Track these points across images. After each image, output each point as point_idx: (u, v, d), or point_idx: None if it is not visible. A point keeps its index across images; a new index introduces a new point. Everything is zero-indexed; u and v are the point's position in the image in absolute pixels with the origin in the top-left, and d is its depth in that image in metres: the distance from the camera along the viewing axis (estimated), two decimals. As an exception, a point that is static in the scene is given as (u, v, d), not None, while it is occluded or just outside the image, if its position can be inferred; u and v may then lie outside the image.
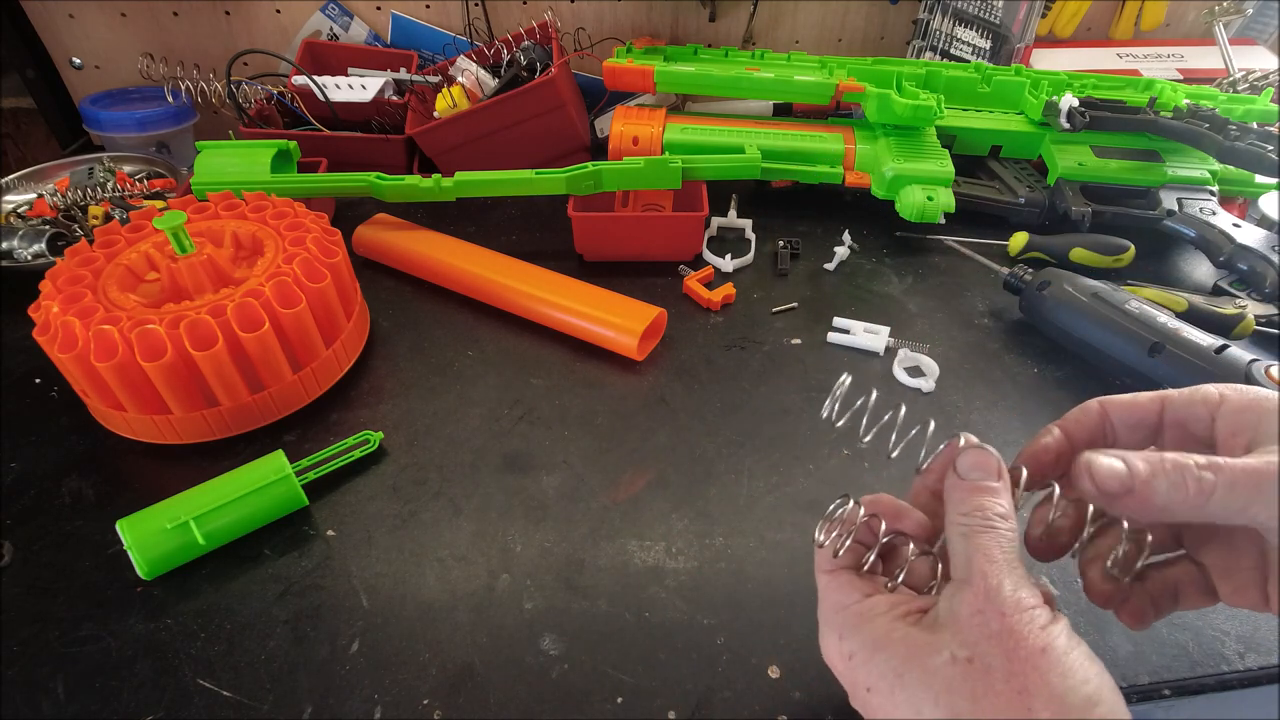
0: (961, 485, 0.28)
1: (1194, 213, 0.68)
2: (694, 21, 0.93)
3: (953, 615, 0.25)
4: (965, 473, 0.28)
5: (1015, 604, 0.24)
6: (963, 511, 0.27)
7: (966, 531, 0.27)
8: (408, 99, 0.79)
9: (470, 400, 0.55)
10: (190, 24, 0.85)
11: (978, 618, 0.25)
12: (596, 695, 0.38)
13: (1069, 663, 0.23)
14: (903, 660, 0.25)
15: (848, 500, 0.30)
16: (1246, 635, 0.40)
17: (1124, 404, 0.30)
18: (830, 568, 0.30)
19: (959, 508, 0.28)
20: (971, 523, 0.27)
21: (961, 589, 0.26)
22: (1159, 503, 0.25)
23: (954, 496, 0.28)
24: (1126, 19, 0.96)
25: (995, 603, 0.25)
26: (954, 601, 0.26)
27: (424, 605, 0.42)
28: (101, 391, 0.48)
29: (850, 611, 0.28)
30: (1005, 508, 0.27)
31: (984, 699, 0.23)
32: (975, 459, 0.28)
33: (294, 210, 0.56)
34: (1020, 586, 0.25)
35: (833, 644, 0.28)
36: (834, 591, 0.29)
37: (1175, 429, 0.29)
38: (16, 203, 0.70)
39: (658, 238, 0.67)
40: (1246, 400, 0.27)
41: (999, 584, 0.25)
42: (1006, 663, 0.24)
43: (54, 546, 0.45)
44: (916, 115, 0.71)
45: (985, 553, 0.26)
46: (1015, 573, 0.25)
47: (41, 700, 0.37)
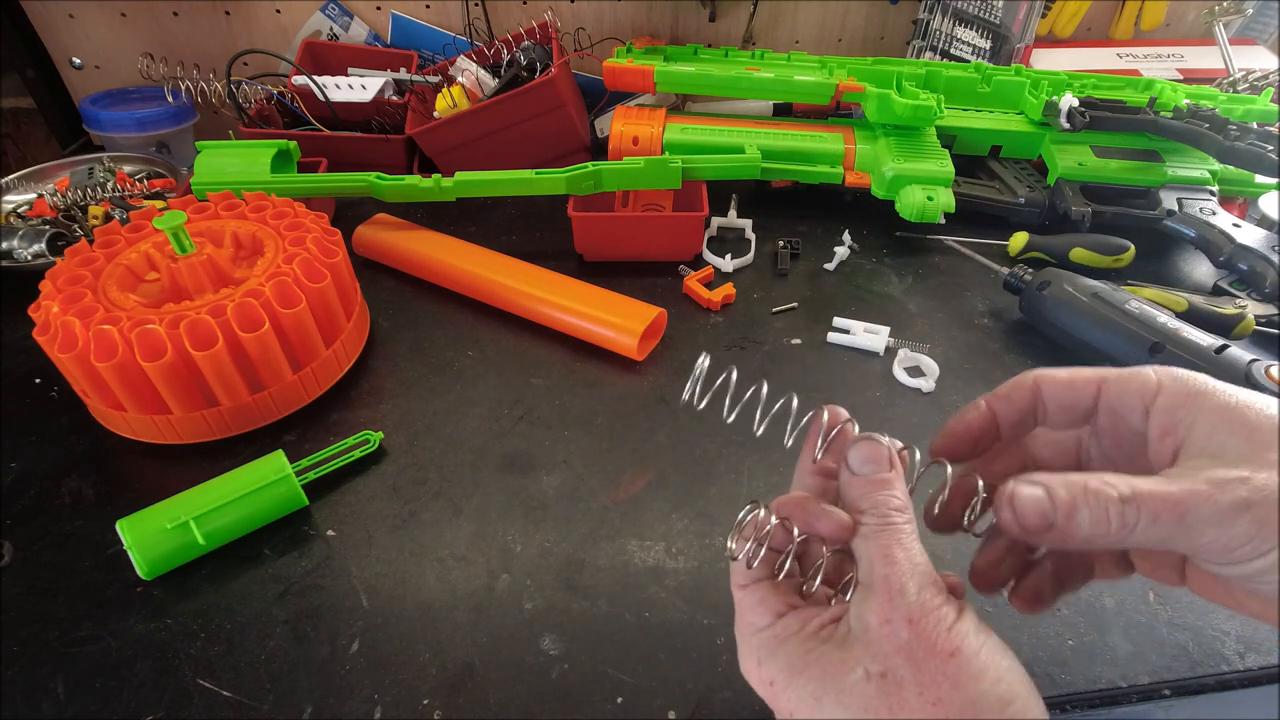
0: (855, 482, 0.27)
1: (1194, 213, 0.68)
2: (694, 21, 0.93)
3: (863, 627, 0.25)
4: (858, 467, 0.27)
5: (920, 608, 0.24)
6: (860, 509, 0.27)
7: (866, 532, 0.26)
8: (408, 99, 0.79)
9: (470, 400, 0.55)
10: (190, 24, 0.85)
11: (886, 628, 0.24)
12: (596, 695, 0.38)
13: (979, 665, 0.23)
14: (819, 683, 0.25)
15: (757, 506, 0.28)
16: (1246, 635, 0.41)
17: (1060, 383, 0.28)
18: (744, 581, 0.28)
19: (855, 504, 0.27)
20: (869, 522, 0.26)
21: (868, 596, 0.25)
22: (1081, 536, 0.24)
23: (849, 494, 0.27)
24: (1126, 19, 0.96)
25: (901, 609, 0.24)
26: (862, 609, 0.25)
27: (424, 605, 0.42)
28: (101, 391, 0.48)
29: (765, 635, 0.27)
30: (901, 499, 0.27)
31: (899, 714, 0.23)
32: (866, 451, 0.27)
33: (294, 210, 0.56)
34: (924, 586, 0.24)
35: (752, 668, 0.27)
36: (749, 611, 0.28)
37: (1109, 415, 0.28)
38: (16, 203, 0.70)
39: (658, 238, 0.67)
40: (1182, 396, 0.25)
41: (902, 588, 0.24)
42: (917, 674, 0.23)
43: (54, 546, 0.45)
44: (916, 115, 0.71)
45: (886, 554, 0.25)
46: (918, 571, 0.25)
47: (41, 700, 0.37)
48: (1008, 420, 0.29)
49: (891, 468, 0.27)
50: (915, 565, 0.25)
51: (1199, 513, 0.23)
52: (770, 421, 0.31)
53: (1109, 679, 0.39)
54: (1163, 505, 0.23)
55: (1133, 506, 0.23)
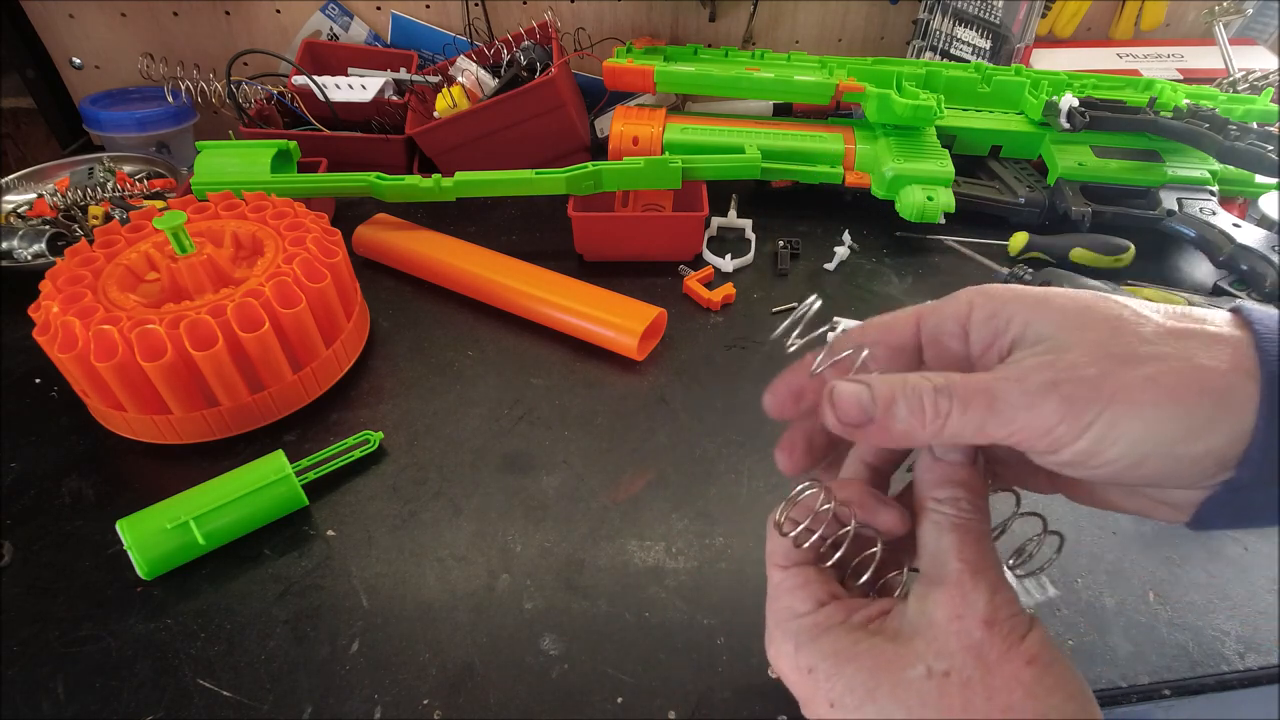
0: (937, 467, 0.26)
1: (1194, 213, 0.68)
2: (694, 21, 0.93)
3: (927, 621, 0.23)
4: (941, 453, 0.26)
5: (996, 610, 0.23)
6: (937, 498, 0.25)
7: (941, 522, 0.25)
8: (408, 99, 0.79)
9: (470, 400, 0.55)
10: (190, 24, 0.85)
11: (956, 624, 0.23)
12: (596, 695, 0.38)
13: (1055, 677, 0.22)
14: (871, 674, 0.23)
15: (816, 485, 0.26)
16: (1246, 635, 0.41)
17: (878, 327, 0.27)
18: (785, 562, 0.27)
19: (932, 492, 0.25)
20: (946, 512, 0.25)
21: (935, 589, 0.24)
22: (900, 429, 0.24)
23: (927, 479, 0.26)
24: (1126, 19, 0.96)
25: (976, 608, 0.23)
26: (927, 604, 0.24)
27: (424, 605, 0.42)
28: (101, 391, 0.48)
29: (807, 621, 0.25)
30: (984, 495, 0.25)
31: (963, 715, 0.22)
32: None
33: (294, 210, 0.56)
34: (999, 589, 0.23)
35: (786, 654, 0.26)
36: (788, 594, 0.26)
37: (933, 347, 0.27)
38: (16, 203, 0.70)
39: (658, 238, 0.67)
40: (993, 306, 0.25)
41: (978, 588, 0.23)
42: (987, 677, 0.22)
43: (54, 546, 0.45)
44: (916, 115, 0.71)
45: (960, 551, 0.24)
46: (994, 573, 0.24)
47: (41, 700, 0.37)
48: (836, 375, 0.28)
49: (976, 460, 0.26)
50: (992, 565, 0.24)
51: (1008, 397, 0.22)
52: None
53: (1109, 679, 0.39)
54: (973, 392, 0.23)
55: (944, 395, 0.23)
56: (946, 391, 0.23)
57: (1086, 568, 0.44)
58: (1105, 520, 0.46)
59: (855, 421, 0.24)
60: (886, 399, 0.24)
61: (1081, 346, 0.22)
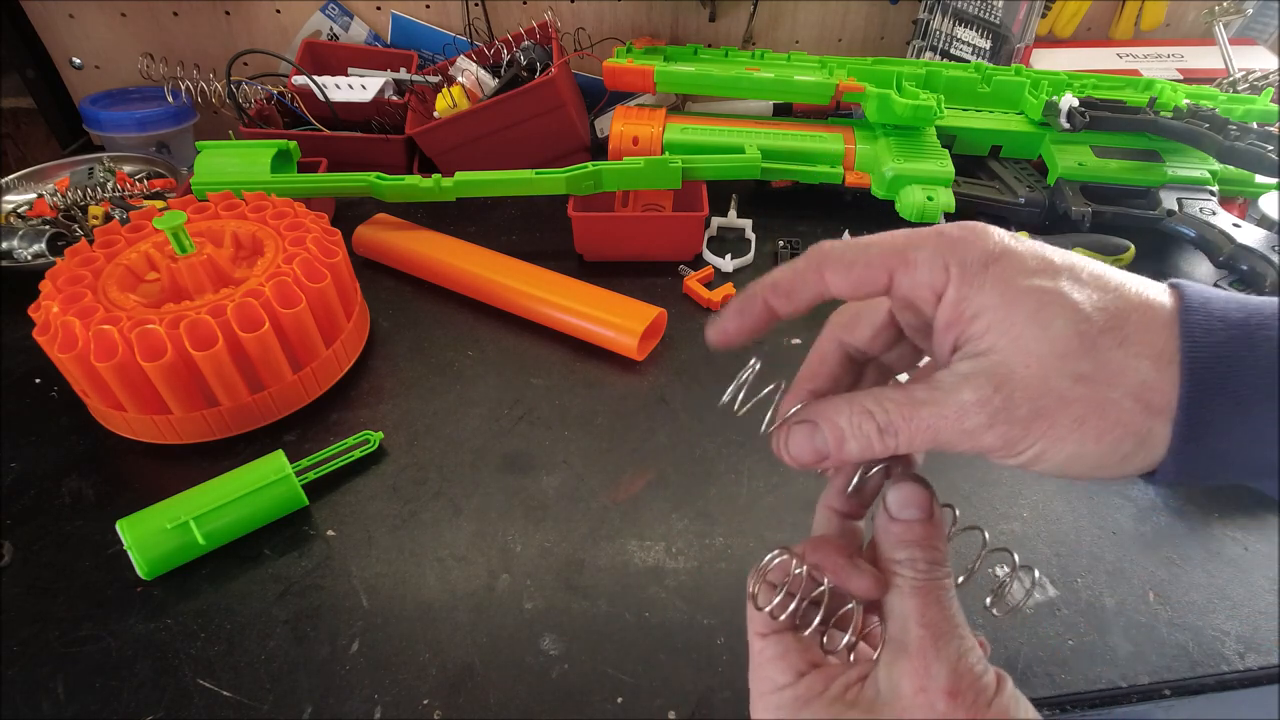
0: (893, 528, 0.26)
1: (1194, 213, 0.68)
2: (694, 21, 0.93)
3: (894, 693, 0.23)
4: (897, 511, 0.26)
5: (959, 679, 0.23)
6: (896, 559, 0.25)
7: (901, 585, 0.25)
8: (408, 99, 0.79)
9: (470, 400, 0.55)
10: (190, 24, 0.85)
11: (921, 697, 0.23)
12: (596, 695, 0.38)
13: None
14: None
15: (784, 553, 0.27)
16: (1246, 635, 0.41)
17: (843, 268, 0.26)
18: (765, 630, 0.27)
19: (892, 553, 0.26)
20: (905, 574, 0.25)
21: (900, 658, 0.24)
22: (852, 459, 0.25)
23: (884, 540, 0.26)
24: (1126, 19, 0.96)
25: (938, 678, 0.23)
26: (893, 673, 0.24)
27: (424, 605, 0.42)
28: (101, 391, 0.48)
29: (788, 695, 0.25)
30: (941, 552, 0.25)
31: None
32: (909, 495, 0.26)
33: (294, 210, 0.56)
34: (965, 653, 0.23)
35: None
36: (769, 664, 0.26)
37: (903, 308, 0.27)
38: (16, 203, 0.70)
39: (658, 238, 0.67)
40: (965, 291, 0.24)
41: (940, 656, 0.23)
42: None
43: (54, 546, 0.45)
44: (916, 115, 0.71)
45: (922, 614, 0.24)
46: (957, 636, 0.24)
47: (41, 700, 0.37)
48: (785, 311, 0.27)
49: (933, 516, 0.26)
50: (954, 628, 0.24)
51: (949, 434, 0.23)
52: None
53: (1109, 679, 0.39)
54: (916, 430, 0.24)
55: (890, 434, 0.24)
56: (891, 430, 0.24)
57: (1086, 568, 0.44)
58: (1105, 520, 0.46)
59: (811, 461, 0.26)
60: (837, 439, 0.25)
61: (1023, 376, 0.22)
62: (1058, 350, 0.22)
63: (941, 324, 0.25)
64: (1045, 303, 0.23)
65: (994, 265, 0.24)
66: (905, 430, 0.24)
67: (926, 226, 0.25)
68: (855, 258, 0.25)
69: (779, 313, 0.27)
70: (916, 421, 0.24)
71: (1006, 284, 0.23)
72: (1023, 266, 0.24)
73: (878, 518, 0.27)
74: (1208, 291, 0.23)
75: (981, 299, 0.23)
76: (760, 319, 0.28)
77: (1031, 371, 0.22)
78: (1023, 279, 0.23)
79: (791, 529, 0.46)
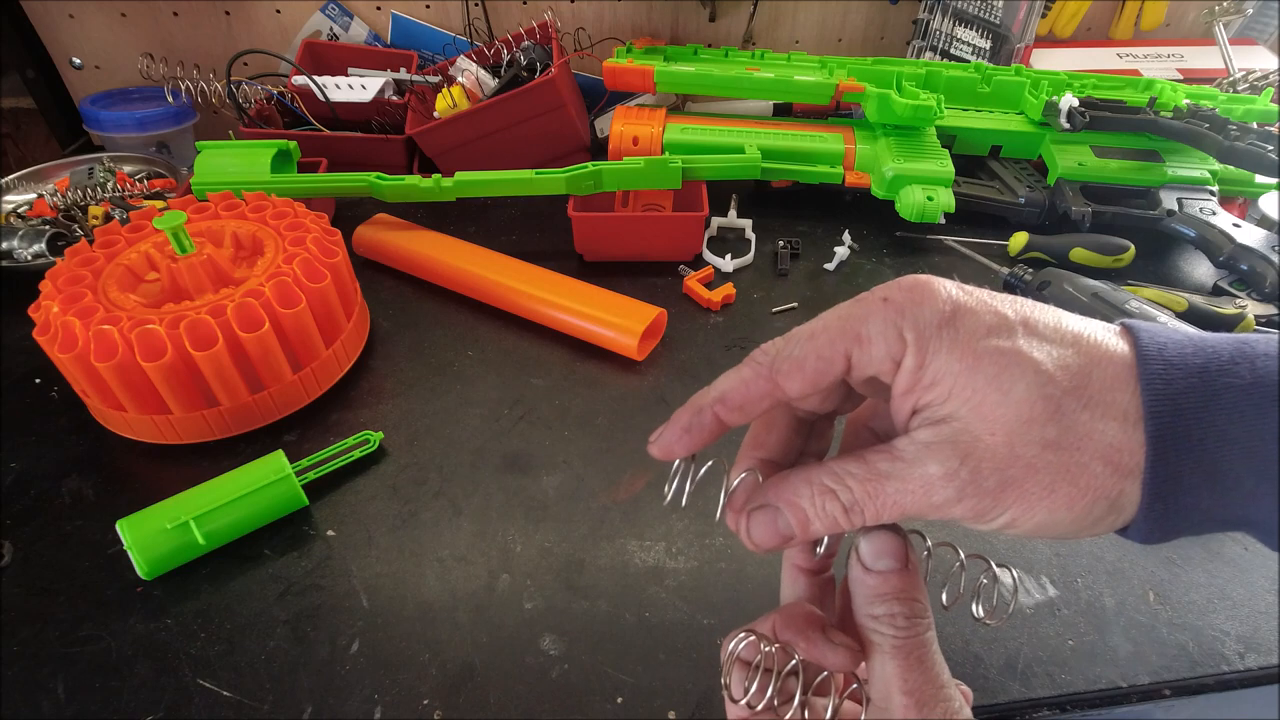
0: (867, 581, 0.25)
1: (1194, 213, 0.68)
2: (694, 21, 0.93)
3: None
4: (871, 562, 0.25)
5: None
6: (873, 615, 0.24)
7: (881, 645, 0.24)
8: (408, 99, 0.79)
9: (470, 400, 0.55)
10: (190, 24, 0.85)
11: None
12: (596, 695, 0.38)
13: None
14: None
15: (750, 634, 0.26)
16: (1246, 635, 0.41)
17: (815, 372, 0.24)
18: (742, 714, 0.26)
19: (867, 609, 0.25)
20: (885, 633, 0.24)
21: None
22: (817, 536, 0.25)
23: (860, 594, 0.25)
24: (1126, 19, 0.96)
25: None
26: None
27: (424, 605, 0.42)
28: (101, 391, 0.48)
29: None
30: (921, 603, 0.25)
31: None
32: (883, 544, 0.25)
33: (294, 210, 0.56)
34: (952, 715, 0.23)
35: None
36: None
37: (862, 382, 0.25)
38: (16, 203, 0.70)
39: (658, 238, 0.67)
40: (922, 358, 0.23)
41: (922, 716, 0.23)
42: None
43: (54, 546, 0.45)
44: (916, 115, 0.71)
45: (904, 679, 0.23)
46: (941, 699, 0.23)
47: (41, 700, 0.37)
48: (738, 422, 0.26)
49: (909, 564, 0.25)
50: (939, 689, 0.23)
51: (917, 509, 0.23)
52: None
53: (1109, 679, 0.39)
54: (882, 507, 0.23)
55: (856, 513, 0.23)
56: (857, 509, 0.23)
57: (1086, 568, 0.44)
58: (1105, 520, 0.46)
59: (775, 546, 0.25)
60: (801, 522, 0.24)
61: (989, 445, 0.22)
62: (1023, 416, 0.22)
63: (900, 390, 0.24)
64: (1006, 365, 0.22)
65: (948, 327, 0.23)
66: (871, 507, 0.23)
67: (866, 293, 0.24)
68: (805, 354, 0.24)
69: (729, 425, 0.26)
70: (882, 498, 0.23)
71: (964, 347, 0.22)
72: (979, 325, 0.23)
73: (851, 569, 0.26)
74: (1160, 335, 0.22)
75: (939, 364, 0.22)
76: (709, 433, 0.27)
77: (997, 440, 0.22)
78: (980, 340, 0.22)
79: (791, 529, 0.46)
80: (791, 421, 0.28)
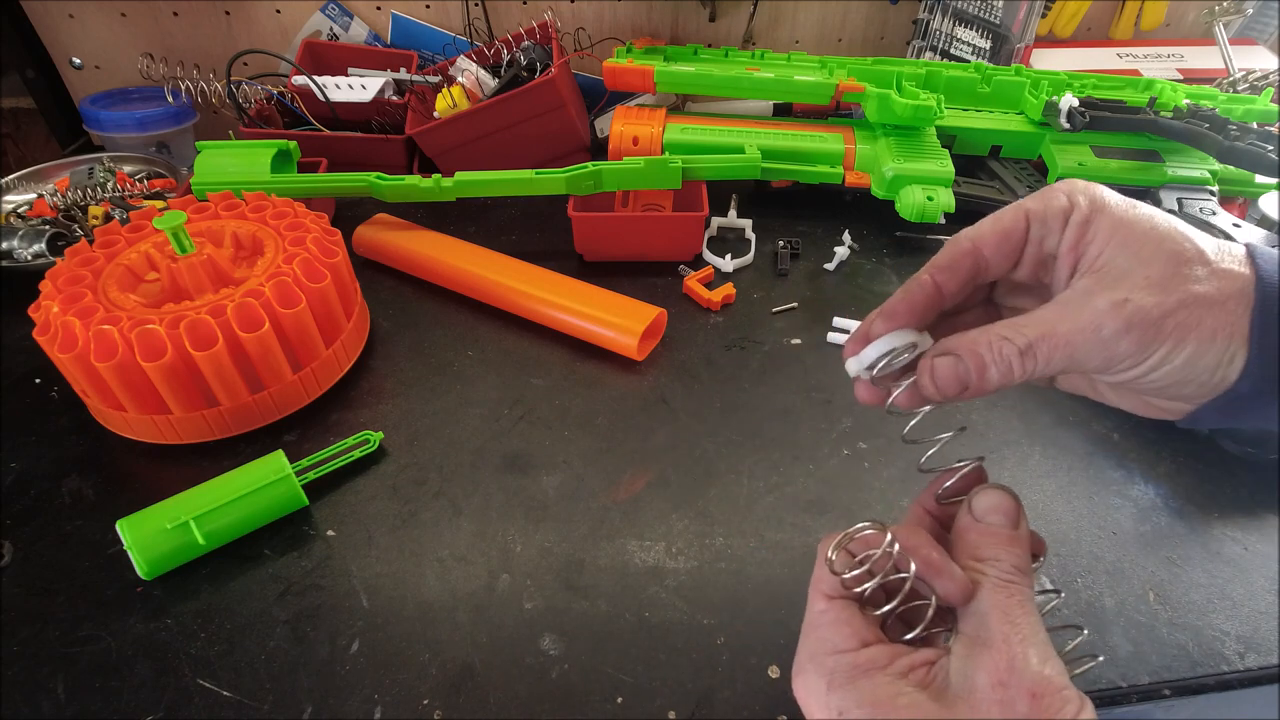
0: (977, 528, 0.26)
1: (1194, 213, 0.68)
2: (694, 21, 0.93)
3: (969, 685, 0.22)
4: (982, 515, 0.26)
5: (1046, 683, 0.22)
6: (979, 558, 0.25)
7: (984, 583, 0.24)
8: (408, 99, 0.79)
9: (470, 400, 0.55)
10: (190, 24, 0.85)
11: (999, 692, 0.22)
12: (596, 695, 0.38)
13: None
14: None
15: (879, 528, 0.26)
16: (1246, 635, 0.41)
17: (994, 234, 0.29)
18: (831, 592, 0.26)
19: (974, 552, 0.25)
20: (990, 573, 0.25)
21: (978, 652, 0.23)
22: (994, 388, 0.26)
23: (968, 539, 0.26)
24: (1126, 19, 0.96)
25: (1022, 678, 0.22)
26: (969, 666, 0.23)
27: (424, 605, 0.42)
28: (101, 391, 0.48)
29: (846, 660, 0.24)
30: (1026, 561, 0.25)
31: None
32: (995, 501, 0.26)
33: (294, 210, 0.56)
34: (1048, 660, 0.23)
35: (818, 691, 0.25)
36: (828, 627, 0.26)
37: (1035, 246, 0.28)
38: (16, 203, 0.70)
39: (658, 238, 0.67)
40: (1088, 212, 0.27)
41: (1025, 655, 0.22)
42: None
43: (54, 546, 0.45)
44: (916, 115, 0.71)
45: (1006, 613, 0.23)
46: (1041, 642, 0.23)
47: (41, 700, 0.37)
48: (951, 289, 0.29)
49: (1018, 525, 0.26)
50: (1037, 633, 0.23)
51: (1086, 346, 0.25)
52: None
53: (1109, 679, 0.39)
54: (1054, 346, 0.25)
55: (1030, 356, 0.25)
56: (1030, 353, 0.25)
57: (1086, 568, 0.44)
58: (1105, 520, 0.46)
59: (955, 392, 0.27)
60: (979, 368, 0.26)
61: (1147, 285, 0.25)
62: (1171, 264, 0.25)
63: (1067, 246, 0.27)
64: (1154, 225, 0.26)
65: (1109, 196, 0.27)
66: (1044, 347, 0.25)
67: None
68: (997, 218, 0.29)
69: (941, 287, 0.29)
70: (1054, 339, 0.25)
71: (1120, 210, 0.26)
72: (1126, 199, 0.27)
73: (959, 521, 0.26)
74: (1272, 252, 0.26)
75: (1102, 220, 0.26)
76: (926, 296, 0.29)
77: (1153, 280, 0.24)
78: (1131, 208, 0.27)
79: (792, 529, 0.46)
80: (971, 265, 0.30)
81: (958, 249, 0.29)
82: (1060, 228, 0.27)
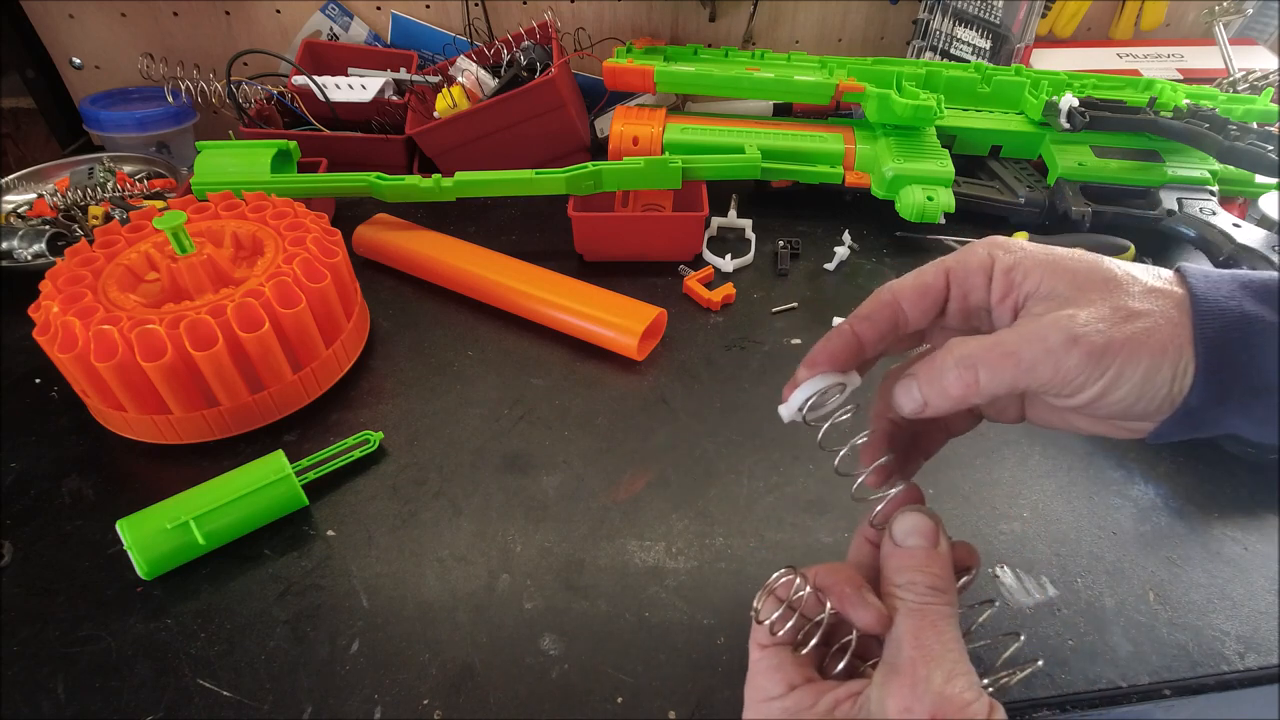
0: (896, 554, 0.27)
1: (1194, 213, 0.68)
2: (694, 21, 0.93)
3: (881, 711, 0.24)
4: (902, 539, 0.27)
5: (946, 702, 0.23)
6: (898, 583, 0.26)
7: (898, 607, 0.25)
8: (408, 99, 0.79)
9: (470, 400, 0.55)
10: (190, 24, 0.85)
11: (906, 715, 0.23)
12: (596, 695, 0.38)
13: None
14: None
15: (793, 573, 0.28)
16: (1246, 635, 0.41)
17: (914, 290, 0.30)
18: (765, 641, 0.28)
19: (894, 578, 0.26)
20: (904, 598, 0.26)
21: (890, 679, 0.24)
22: (949, 407, 0.27)
23: (889, 564, 0.27)
24: (1126, 19, 0.96)
25: (925, 699, 0.23)
26: (884, 692, 0.24)
27: (424, 605, 0.42)
28: (101, 391, 0.48)
29: (775, 706, 0.26)
30: (943, 579, 0.26)
31: None
32: (913, 523, 0.27)
33: (294, 210, 0.56)
34: (954, 676, 0.23)
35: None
36: (761, 675, 0.27)
37: (959, 301, 0.30)
38: (16, 203, 0.70)
39: (658, 238, 0.67)
40: (1011, 260, 0.28)
41: (928, 676, 0.23)
42: None
43: (54, 546, 0.45)
44: (916, 115, 0.71)
45: (917, 636, 0.24)
46: (949, 659, 0.24)
47: (41, 700, 0.37)
48: (870, 338, 0.30)
49: (937, 544, 0.27)
50: (947, 652, 0.24)
51: (1033, 354, 0.25)
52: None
53: (1109, 679, 0.39)
54: (1002, 356, 0.26)
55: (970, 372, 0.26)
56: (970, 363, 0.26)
57: (1086, 568, 0.44)
58: (1105, 520, 0.46)
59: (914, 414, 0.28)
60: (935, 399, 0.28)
61: (1089, 305, 0.25)
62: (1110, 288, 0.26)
63: (997, 298, 0.28)
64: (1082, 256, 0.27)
65: (1029, 245, 0.28)
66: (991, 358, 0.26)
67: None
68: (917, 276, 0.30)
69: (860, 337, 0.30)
70: (1000, 347, 0.26)
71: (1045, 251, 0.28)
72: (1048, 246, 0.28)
73: (883, 545, 0.28)
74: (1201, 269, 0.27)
75: (1028, 262, 0.27)
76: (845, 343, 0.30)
77: (1094, 301, 0.26)
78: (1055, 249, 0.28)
79: (791, 529, 0.46)
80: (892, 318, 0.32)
81: (878, 301, 0.30)
82: (984, 283, 0.28)
